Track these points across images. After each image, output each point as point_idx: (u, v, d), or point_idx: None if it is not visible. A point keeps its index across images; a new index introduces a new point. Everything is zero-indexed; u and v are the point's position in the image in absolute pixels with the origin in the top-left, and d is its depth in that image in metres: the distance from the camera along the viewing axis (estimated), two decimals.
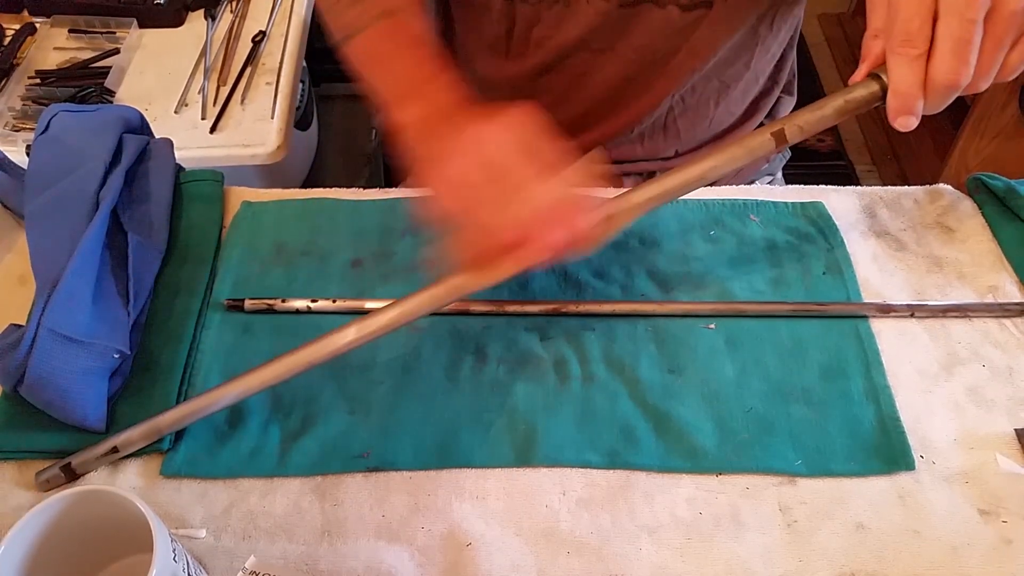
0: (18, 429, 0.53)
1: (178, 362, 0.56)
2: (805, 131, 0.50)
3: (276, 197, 0.69)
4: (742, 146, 0.51)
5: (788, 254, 0.64)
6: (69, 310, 0.52)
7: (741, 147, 0.51)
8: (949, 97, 0.45)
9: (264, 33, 1.06)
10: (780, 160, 0.88)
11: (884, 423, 0.54)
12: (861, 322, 0.59)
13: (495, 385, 0.56)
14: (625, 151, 0.79)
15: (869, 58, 0.48)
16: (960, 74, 0.43)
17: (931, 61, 0.44)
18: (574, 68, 0.71)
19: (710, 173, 0.51)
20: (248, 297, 0.60)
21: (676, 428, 0.53)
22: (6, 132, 0.92)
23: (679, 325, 0.59)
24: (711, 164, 0.51)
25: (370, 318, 0.51)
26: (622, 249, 0.64)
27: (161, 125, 0.93)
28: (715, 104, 0.75)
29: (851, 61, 2.15)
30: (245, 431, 0.54)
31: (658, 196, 0.51)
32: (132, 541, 0.42)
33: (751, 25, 0.69)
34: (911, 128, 0.46)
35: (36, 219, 0.58)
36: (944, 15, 0.43)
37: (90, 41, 1.05)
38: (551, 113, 0.76)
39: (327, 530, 0.50)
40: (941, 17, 0.43)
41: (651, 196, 0.51)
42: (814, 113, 0.49)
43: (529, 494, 0.51)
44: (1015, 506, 0.50)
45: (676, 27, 0.66)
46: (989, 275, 0.63)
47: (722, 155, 0.51)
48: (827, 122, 0.49)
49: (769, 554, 0.48)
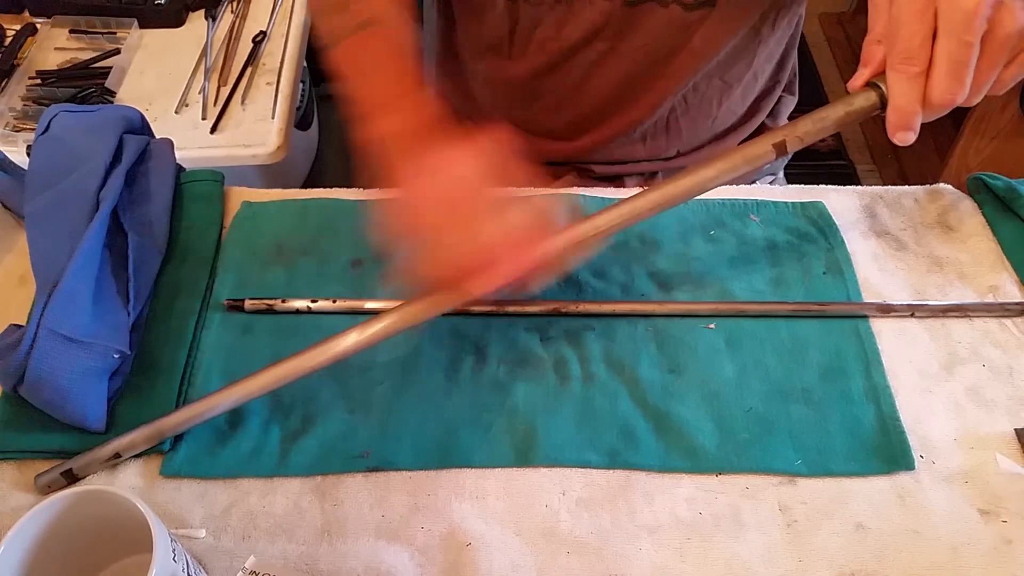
0: (18, 429, 0.53)
1: (178, 362, 0.56)
2: (805, 141, 0.50)
3: (276, 197, 0.69)
4: (743, 155, 0.51)
5: (788, 254, 0.64)
6: (69, 310, 0.52)
7: (741, 156, 0.51)
8: (944, 111, 0.46)
9: (264, 33, 1.07)
10: (782, 160, 0.88)
11: (884, 423, 0.54)
12: (861, 322, 0.59)
13: (495, 385, 0.56)
14: (627, 151, 0.79)
15: (871, 64, 0.48)
16: (956, 94, 0.44)
17: (929, 80, 0.45)
18: (576, 68, 0.71)
19: (709, 183, 0.52)
20: (248, 297, 0.60)
21: (676, 428, 0.53)
22: (7, 132, 0.93)
23: (679, 325, 0.59)
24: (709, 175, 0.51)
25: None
26: (622, 249, 0.64)
27: (161, 125, 0.93)
28: (717, 104, 0.75)
29: (852, 61, 2.15)
30: (245, 431, 0.54)
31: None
32: (132, 541, 0.42)
33: (753, 24, 0.69)
34: (909, 143, 0.47)
35: (36, 219, 0.58)
36: (942, 35, 0.43)
37: (91, 41, 1.05)
38: (553, 114, 0.77)
39: (327, 530, 0.50)
40: (940, 37, 0.44)
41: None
42: (815, 123, 0.50)
43: (529, 494, 0.51)
44: (1015, 506, 0.50)
45: (679, 26, 0.66)
46: (989, 275, 0.63)
47: (724, 163, 0.51)
48: (827, 131, 0.50)
49: (769, 554, 0.48)
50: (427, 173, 0.49)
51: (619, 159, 0.80)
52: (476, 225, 0.47)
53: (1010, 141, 1.48)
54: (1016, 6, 0.43)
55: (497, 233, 0.47)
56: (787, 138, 0.50)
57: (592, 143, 0.77)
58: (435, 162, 0.49)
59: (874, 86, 0.48)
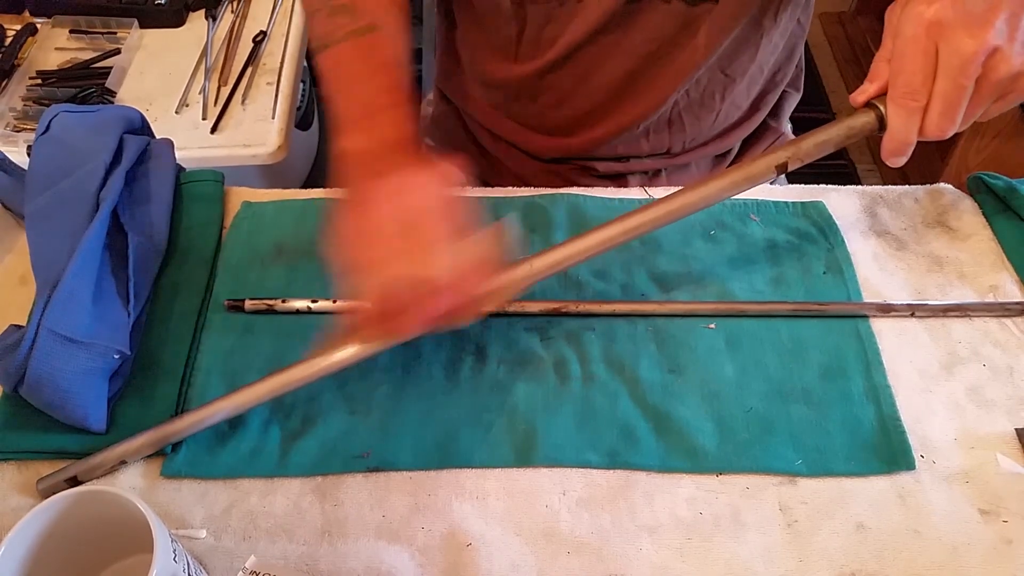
0: (18, 430, 0.53)
1: (178, 362, 0.56)
2: (805, 160, 0.53)
3: (276, 197, 0.69)
4: (745, 173, 0.53)
5: (788, 254, 0.64)
6: (69, 311, 0.52)
7: (744, 174, 0.53)
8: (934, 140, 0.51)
9: (265, 33, 1.07)
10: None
11: (884, 423, 0.54)
12: (861, 322, 0.59)
13: (495, 385, 0.56)
14: (630, 147, 0.78)
15: (876, 82, 0.51)
16: (946, 130, 0.49)
17: (925, 115, 0.49)
18: (579, 65, 0.71)
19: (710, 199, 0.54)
20: (248, 297, 0.60)
21: (676, 428, 0.53)
22: (7, 132, 0.93)
23: (679, 325, 0.59)
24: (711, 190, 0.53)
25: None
26: (622, 249, 0.64)
27: (162, 125, 0.93)
28: (720, 98, 0.75)
29: (852, 60, 2.15)
30: (245, 431, 0.54)
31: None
32: (132, 541, 0.42)
33: (754, 18, 0.69)
34: (900, 165, 0.51)
35: (36, 219, 0.58)
36: (941, 76, 0.48)
37: (91, 41, 1.05)
38: (556, 111, 0.77)
39: (327, 530, 0.50)
40: (939, 78, 0.48)
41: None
42: (816, 144, 0.53)
43: (529, 494, 0.51)
44: (1015, 506, 0.50)
45: (682, 21, 0.66)
46: (990, 274, 0.63)
47: (724, 181, 0.53)
48: (827, 149, 0.53)
49: (769, 554, 0.48)
50: (377, 203, 0.49)
51: (622, 155, 0.79)
52: (417, 259, 0.47)
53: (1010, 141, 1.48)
54: (1012, 51, 0.47)
55: (437, 269, 0.46)
56: (789, 159, 0.53)
57: (595, 139, 0.77)
58: (386, 191, 0.49)
59: (874, 107, 0.51)
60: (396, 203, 0.48)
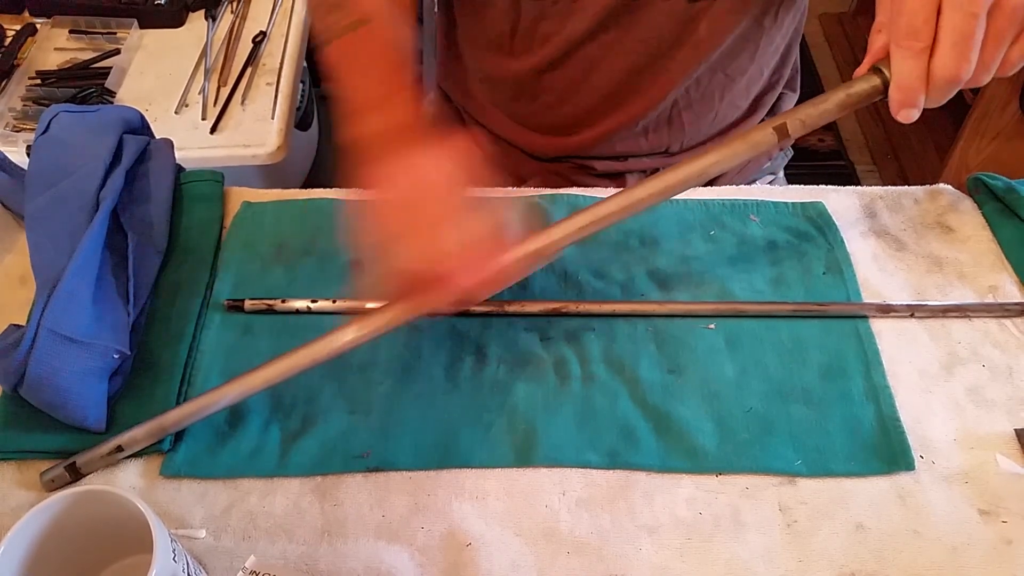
0: (18, 429, 0.53)
1: (178, 362, 0.56)
2: (807, 125, 0.49)
3: (276, 197, 0.69)
4: (745, 141, 0.50)
5: (788, 254, 0.64)
6: (69, 310, 0.52)
7: (744, 142, 0.50)
8: (951, 91, 0.45)
9: (264, 33, 1.07)
10: (782, 159, 0.88)
11: (884, 423, 0.54)
12: (861, 322, 0.59)
13: (495, 385, 0.56)
14: (629, 145, 0.79)
15: (872, 51, 0.48)
16: (961, 69, 0.43)
17: (933, 55, 0.44)
18: (578, 63, 0.71)
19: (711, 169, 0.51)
20: (248, 297, 0.60)
21: (676, 428, 0.53)
22: (7, 132, 0.93)
23: (679, 325, 0.59)
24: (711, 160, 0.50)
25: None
26: (622, 249, 0.64)
27: (161, 125, 0.93)
28: (720, 98, 0.75)
29: (852, 61, 2.15)
30: (245, 431, 0.54)
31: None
32: (132, 541, 0.42)
33: (755, 17, 0.69)
34: (913, 120, 0.46)
35: (36, 219, 0.58)
36: (947, 9, 0.42)
37: (91, 42, 1.05)
38: (555, 109, 0.77)
39: (327, 530, 0.50)
40: (944, 11, 0.43)
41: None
42: (816, 107, 0.49)
43: (529, 494, 0.51)
44: (1015, 506, 0.50)
45: (681, 19, 0.66)
46: (989, 275, 0.63)
47: (725, 150, 0.50)
48: (829, 116, 0.49)
49: (769, 554, 0.48)
50: (394, 178, 0.49)
51: (621, 153, 0.79)
52: (437, 233, 0.47)
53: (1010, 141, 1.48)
54: None
55: (456, 242, 0.47)
56: (788, 121, 0.49)
57: (594, 137, 0.77)
58: (404, 167, 0.49)
59: (876, 70, 0.47)
60: (411, 181, 0.49)
